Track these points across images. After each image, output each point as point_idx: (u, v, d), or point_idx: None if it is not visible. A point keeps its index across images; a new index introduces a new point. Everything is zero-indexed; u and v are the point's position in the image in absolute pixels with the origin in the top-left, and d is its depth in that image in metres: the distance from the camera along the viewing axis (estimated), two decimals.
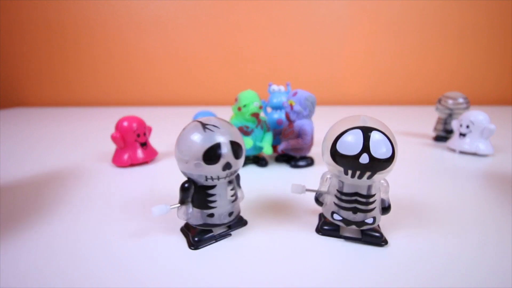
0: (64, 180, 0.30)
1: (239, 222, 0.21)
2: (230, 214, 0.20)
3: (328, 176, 0.20)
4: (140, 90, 0.95)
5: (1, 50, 0.94)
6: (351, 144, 0.17)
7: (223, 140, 0.18)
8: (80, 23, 0.90)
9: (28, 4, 0.90)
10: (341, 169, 0.17)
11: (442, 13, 0.82)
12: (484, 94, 0.84)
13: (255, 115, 0.32)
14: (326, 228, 0.20)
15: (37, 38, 0.93)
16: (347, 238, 0.20)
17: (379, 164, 0.17)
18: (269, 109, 0.39)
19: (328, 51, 0.86)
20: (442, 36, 0.83)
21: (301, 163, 0.34)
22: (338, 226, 0.20)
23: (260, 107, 0.32)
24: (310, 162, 0.34)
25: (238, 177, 0.21)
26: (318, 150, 0.35)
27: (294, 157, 0.34)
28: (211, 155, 0.17)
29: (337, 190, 0.19)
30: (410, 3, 0.82)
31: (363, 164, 0.17)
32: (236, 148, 0.18)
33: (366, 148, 0.17)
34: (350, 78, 0.88)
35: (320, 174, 0.21)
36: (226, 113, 0.44)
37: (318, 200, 0.21)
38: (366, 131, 0.17)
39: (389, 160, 0.17)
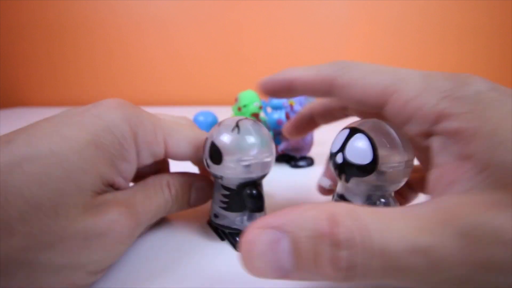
0: None
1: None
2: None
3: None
4: (140, 90, 0.95)
5: (1, 50, 0.94)
6: (335, 141, 0.17)
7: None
8: (79, 23, 0.90)
9: (28, 4, 0.90)
10: None
11: (442, 13, 0.82)
12: None
13: (255, 115, 0.32)
14: None
15: (37, 38, 0.93)
16: None
17: (352, 169, 0.15)
18: (269, 109, 0.39)
19: (328, 51, 0.86)
20: (442, 36, 0.84)
21: (301, 163, 0.34)
22: None
23: (260, 107, 0.32)
24: (310, 162, 0.34)
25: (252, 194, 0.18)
26: (318, 150, 0.35)
27: (294, 157, 0.34)
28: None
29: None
30: (410, 3, 0.82)
31: (338, 164, 0.16)
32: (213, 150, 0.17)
33: (342, 148, 0.16)
34: None
35: (320, 174, 0.21)
36: (226, 113, 0.44)
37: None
38: (352, 131, 0.16)
39: (366, 168, 0.15)
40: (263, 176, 0.19)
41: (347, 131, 0.16)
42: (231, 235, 0.19)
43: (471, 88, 0.12)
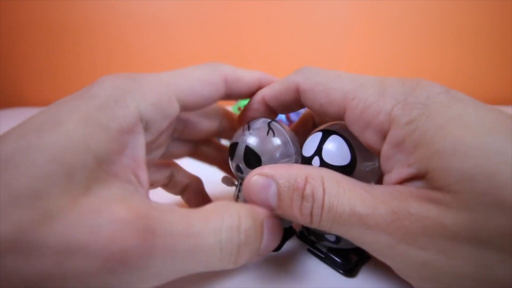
0: None
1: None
2: None
3: None
4: None
5: (1, 50, 0.94)
6: (306, 146, 0.17)
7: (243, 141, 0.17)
8: (79, 23, 0.90)
9: (28, 4, 0.90)
10: None
11: (442, 13, 0.82)
12: (484, 93, 0.84)
13: None
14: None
15: (37, 38, 0.93)
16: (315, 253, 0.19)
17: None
18: None
19: (328, 51, 0.86)
20: (442, 36, 0.84)
21: None
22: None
23: None
24: None
25: None
26: None
27: None
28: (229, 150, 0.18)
29: None
30: (410, 3, 0.82)
31: None
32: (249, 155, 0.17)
33: (319, 151, 0.16)
34: None
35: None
36: None
37: None
38: (326, 134, 0.16)
39: (346, 169, 0.15)
40: None
41: (319, 134, 0.16)
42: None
43: (422, 93, 0.13)
